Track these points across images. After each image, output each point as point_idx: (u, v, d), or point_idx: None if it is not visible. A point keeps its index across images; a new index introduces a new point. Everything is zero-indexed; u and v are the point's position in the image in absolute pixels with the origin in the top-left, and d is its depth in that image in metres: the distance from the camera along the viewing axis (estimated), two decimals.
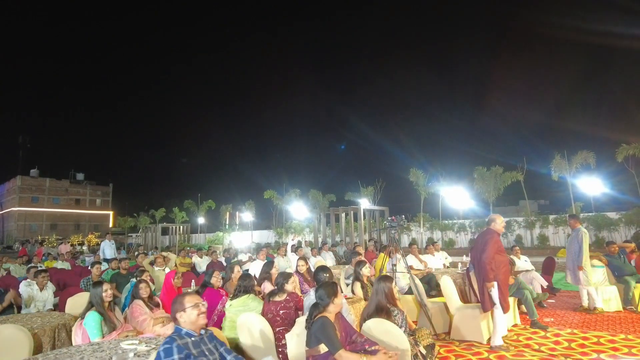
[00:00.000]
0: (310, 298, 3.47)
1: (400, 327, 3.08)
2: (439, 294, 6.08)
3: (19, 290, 5.61)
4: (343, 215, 21.49)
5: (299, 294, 4.00)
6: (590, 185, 18.98)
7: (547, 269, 9.01)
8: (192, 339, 2.45)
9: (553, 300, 7.73)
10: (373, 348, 2.81)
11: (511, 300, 6.02)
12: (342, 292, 6.21)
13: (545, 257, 9.49)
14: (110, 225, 58.09)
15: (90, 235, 40.07)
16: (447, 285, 5.65)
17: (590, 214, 19.91)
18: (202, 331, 2.57)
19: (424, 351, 3.14)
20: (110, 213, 62.75)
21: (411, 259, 8.93)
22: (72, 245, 31.47)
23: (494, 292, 4.91)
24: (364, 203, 23.94)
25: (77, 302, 5.02)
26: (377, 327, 3.10)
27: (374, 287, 3.53)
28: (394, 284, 3.52)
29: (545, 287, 7.51)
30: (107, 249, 11.79)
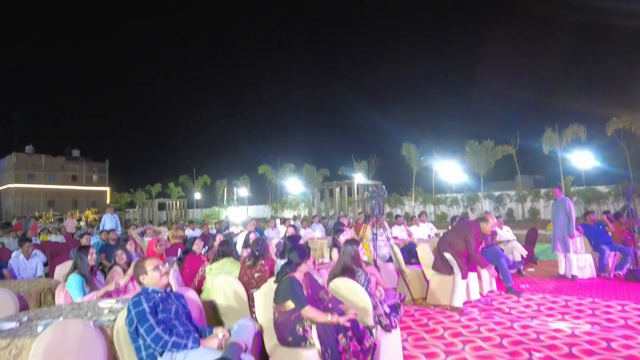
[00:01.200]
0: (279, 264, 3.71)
1: (363, 286, 3.27)
2: (419, 261, 6.27)
3: (10, 262, 5.79)
4: (337, 189, 21.70)
5: (274, 259, 4.17)
6: (581, 159, 19.14)
7: (529, 240, 9.26)
8: (159, 295, 2.61)
9: (533, 269, 7.97)
10: (340, 307, 2.99)
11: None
12: (323, 257, 6.44)
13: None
14: (108, 201, 58.26)
15: (87, 211, 40.29)
16: (424, 253, 5.85)
17: (580, 187, 20.17)
18: (169, 289, 2.73)
19: (387, 310, 3.33)
20: (107, 189, 62.84)
21: (397, 230, 9.21)
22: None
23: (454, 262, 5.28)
24: (359, 178, 24.13)
25: (65, 270, 5.19)
26: (342, 286, 3.29)
27: (341, 250, 3.70)
28: (360, 247, 3.68)
29: (524, 256, 7.74)
30: (108, 221, 11.88)
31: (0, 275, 5.17)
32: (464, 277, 5.19)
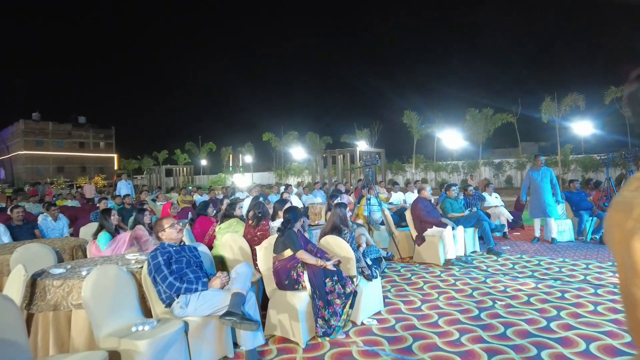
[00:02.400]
0: (272, 225, 4.34)
1: (348, 242, 3.83)
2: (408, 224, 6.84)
3: (38, 223, 6.44)
4: (340, 157, 22.15)
5: None
6: (580, 126, 19.33)
7: (518, 206, 9.81)
8: (173, 248, 3.18)
9: (519, 233, 8.54)
10: (326, 256, 3.59)
11: (472, 230, 6.83)
12: (321, 219, 7.03)
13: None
14: (115, 167, 59.15)
15: (96, 177, 41.22)
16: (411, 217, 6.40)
17: (579, 155, 20.48)
18: (182, 243, 3.29)
19: (369, 263, 3.91)
20: (115, 156, 63.60)
21: (393, 197, 9.81)
22: (79, 187, 32.71)
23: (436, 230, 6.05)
24: (362, 145, 24.52)
25: (89, 231, 5.81)
26: (331, 242, 3.87)
27: (331, 211, 4.26)
28: (348, 209, 4.23)
29: (509, 221, 8.29)
30: (124, 188, 12.54)
31: (32, 235, 5.80)
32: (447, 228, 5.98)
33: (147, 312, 3.11)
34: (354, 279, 3.51)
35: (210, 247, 4.79)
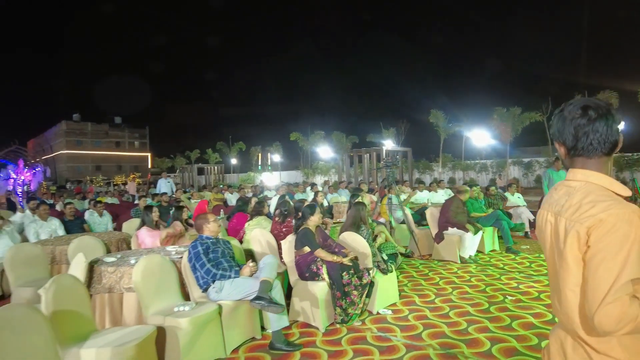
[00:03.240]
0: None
1: (365, 238, 4.16)
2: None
3: (85, 218, 7.09)
4: (366, 156, 22.36)
5: None
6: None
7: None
8: (211, 240, 3.61)
9: None
10: (342, 251, 3.94)
11: (491, 230, 7.01)
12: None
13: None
14: (149, 166, 61.34)
15: (132, 175, 42.99)
16: (431, 216, 6.65)
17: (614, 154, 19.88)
18: (219, 237, 3.72)
19: (385, 257, 4.22)
20: (149, 155, 65.92)
21: (416, 195, 10.05)
22: (116, 185, 34.39)
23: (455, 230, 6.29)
24: (388, 144, 24.63)
25: (131, 226, 6.38)
26: (349, 237, 4.23)
27: (350, 210, 4.61)
28: (367, 208, 4.57)
29: (531, 221, 8.37)
30: (164, 186, 13.21)
31: (82, 228, 6.43)
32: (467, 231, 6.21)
33: (185, 297, 3.55)
34: (370, 271, 3.84)
35: (241, 241, 5.23)
